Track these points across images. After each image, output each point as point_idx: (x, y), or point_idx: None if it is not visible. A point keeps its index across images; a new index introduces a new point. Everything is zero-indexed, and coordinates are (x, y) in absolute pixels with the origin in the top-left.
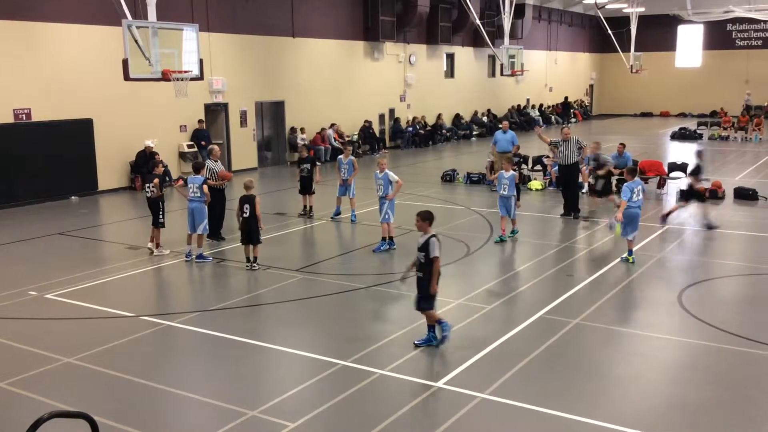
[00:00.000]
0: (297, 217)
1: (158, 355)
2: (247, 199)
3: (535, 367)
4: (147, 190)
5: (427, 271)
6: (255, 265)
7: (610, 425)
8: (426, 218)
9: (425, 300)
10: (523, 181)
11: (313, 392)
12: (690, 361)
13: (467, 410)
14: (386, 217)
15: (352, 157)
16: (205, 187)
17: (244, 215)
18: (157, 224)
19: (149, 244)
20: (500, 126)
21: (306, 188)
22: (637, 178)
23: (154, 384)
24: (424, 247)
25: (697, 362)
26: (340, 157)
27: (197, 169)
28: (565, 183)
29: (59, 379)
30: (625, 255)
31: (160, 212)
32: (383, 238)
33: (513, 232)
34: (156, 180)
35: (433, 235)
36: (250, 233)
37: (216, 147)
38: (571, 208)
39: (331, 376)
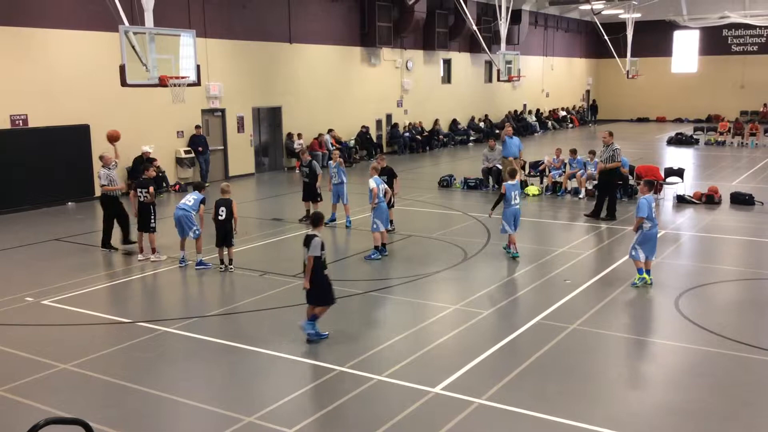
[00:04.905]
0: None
1: (155, 361)
2: (223, 202)
3: (533, 372)
4: (140, 194)
5: None
6: (231, 267)
7: (608, 430)
8: None
9: None
10: (521, 186)
11: (310, 398)
12: (687, 366)
13: (464, 416)
14: (374, 226)
15: (340, 160)
16: (202, 208)
17: (220, 218)
18: (148, 229)
19: (140, 256)
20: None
21: (306, 194)
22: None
23: (151, 390)
24: None
25: (694, 367)
26: (329, 162)
27: (198, 188)
28: (602, 187)
29: (55, 386)
30: (644, 276)
31: (152, 217)
32: (375, 247)
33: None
34: (151, 188)
35: None
36: (225, 235)
37: (107, 154)
38: (609, 212)
39: (328, 382)
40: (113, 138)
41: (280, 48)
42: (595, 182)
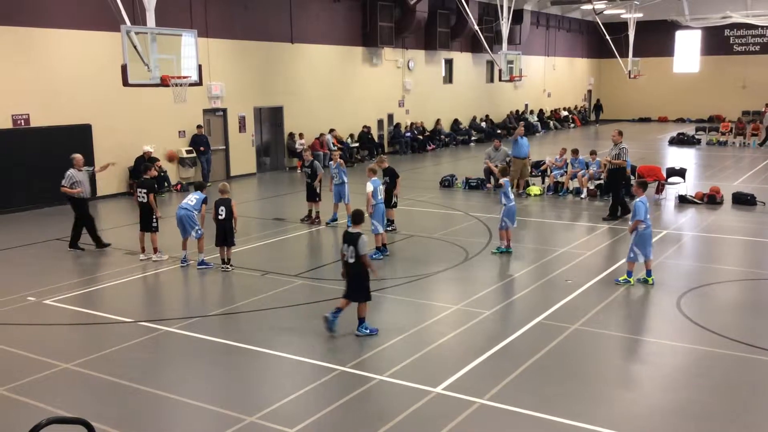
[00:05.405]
0: (300, 222)
1: (156, 360)
2: (223, 202)
3: (534, 372)
4: (140, 194)
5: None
6: (229, 266)
7: (609, 431)
8: None
9: None
10: (524, 185)
11: (312, 398)
12: (688, 366)
13: (466, 416)
14: (373, 228)
15: (341, 161)
16: (203, 208)
17: (219, 217)
18: (150, 228)
19: (141, 256)
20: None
21: (310, 194)
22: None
23: (153, 390)
24: None
25: (695, 368)
26: (330, 162)
27: (199, 188)
28: (610, 187)
29: (57, 385)
30: (643, 276)
31: (153, 216)
32: (376, 247)
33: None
34: (152, 196)
35: None
36: (225, 235)
37: (79, 155)
38: (610, 211)
39: (329, 381)
40: (172, 158)
41: (281, 48)
42: (597, 182)
